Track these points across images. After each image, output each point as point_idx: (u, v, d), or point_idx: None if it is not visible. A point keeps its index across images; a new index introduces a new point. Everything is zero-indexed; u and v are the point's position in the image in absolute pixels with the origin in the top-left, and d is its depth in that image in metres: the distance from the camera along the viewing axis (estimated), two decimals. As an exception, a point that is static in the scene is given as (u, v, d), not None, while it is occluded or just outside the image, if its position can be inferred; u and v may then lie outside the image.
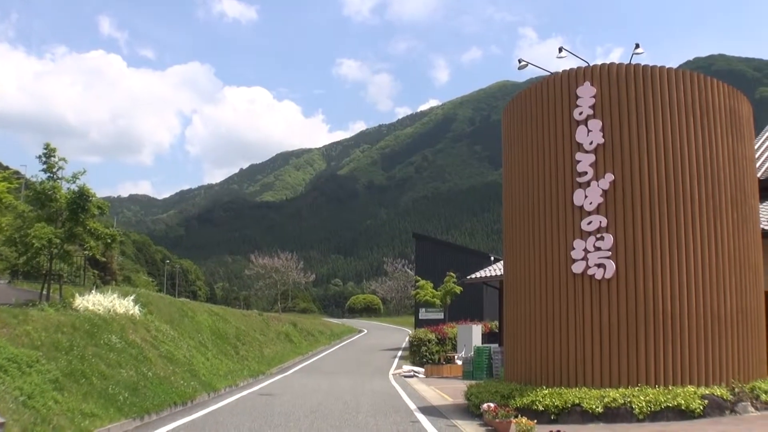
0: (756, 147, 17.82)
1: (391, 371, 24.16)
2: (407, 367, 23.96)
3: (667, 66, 11.95)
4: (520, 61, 15.63)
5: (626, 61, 12.70)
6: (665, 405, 10.19)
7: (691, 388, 10.55)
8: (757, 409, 10.79)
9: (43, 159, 15.58)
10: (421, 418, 11.87)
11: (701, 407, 10.22)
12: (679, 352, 10.91)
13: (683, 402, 10.19)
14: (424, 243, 47.77)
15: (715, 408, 10.39)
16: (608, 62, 12.23)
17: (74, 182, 15.62)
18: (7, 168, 20.87)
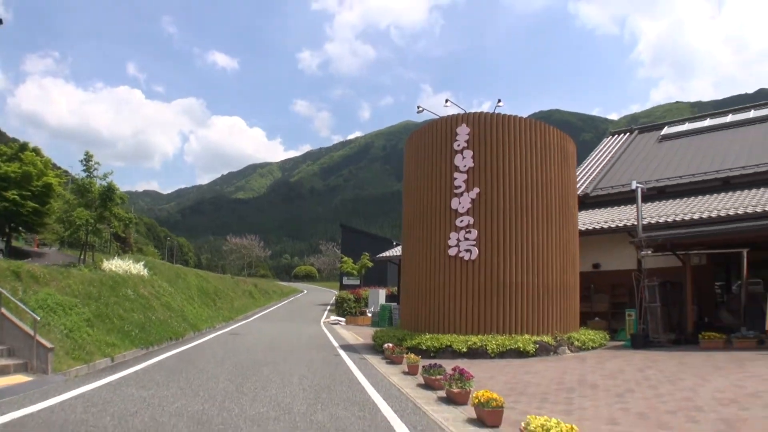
0: (578, 174, 22.62)
1: (322, 320, 29.52)
2: (334, 318, 29.75)
3: (519, 115, 15.67)
4: (418, 108, 18.60)
5: (491, 111, 16.15)
6: (509, 347, 13.32)
7: (527, 336, 13.79)
8: (571, 351, 14.35)
9: (84, 162, 19.43)
10: (342, 352, 14.87)
11: (534, 349, 13.46)
12: (520, 312, 14.34)
13: (521, 345, 13.36)
14: (348, 231, 60.47)
15: (543, 350, 13.72)
16: (479, 111, 15.81)
17: (105, 179, 19.69)
18: (59, 168, 25.40)
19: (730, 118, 27.07)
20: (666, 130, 28.50)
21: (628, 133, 30.42)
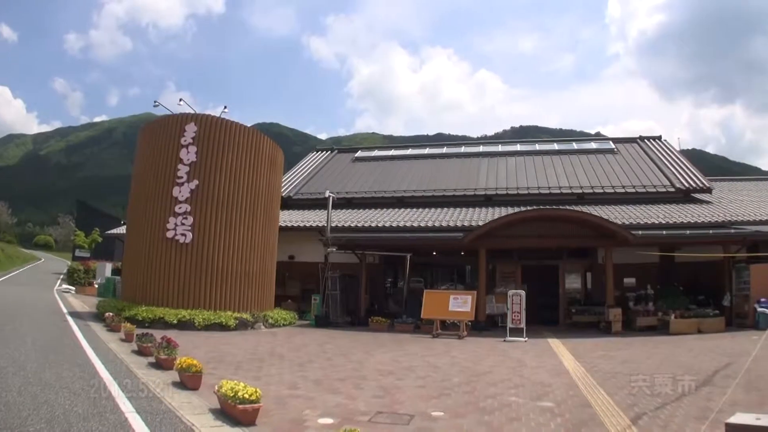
0: (284, 179, 25.81)
1: (55, 287, 29.73)
2: (65, 286, 30.42)
3: (241, 123, 17.74)
4: (155, 102, 19.77)
5: (219, 115, 17.85)
6: (214, 322, 14.96)
7: (229, 313, 15.56)
8: (266, 327, 16.47)
9: None
10: (70, 319, 15.10)
11: (235, 324, 15.26)
12: (225, 291, 16.20)
13: (224, 320, 15.08)
14: (83, 207, 64.27)
15: (243, 325, 15.58)
16: (208, 113, 17.47)
17: None
18: None
19: (410, 151, 33.58)
20: (359, 154, 33.79)
21: (330, 151, 35.21)
